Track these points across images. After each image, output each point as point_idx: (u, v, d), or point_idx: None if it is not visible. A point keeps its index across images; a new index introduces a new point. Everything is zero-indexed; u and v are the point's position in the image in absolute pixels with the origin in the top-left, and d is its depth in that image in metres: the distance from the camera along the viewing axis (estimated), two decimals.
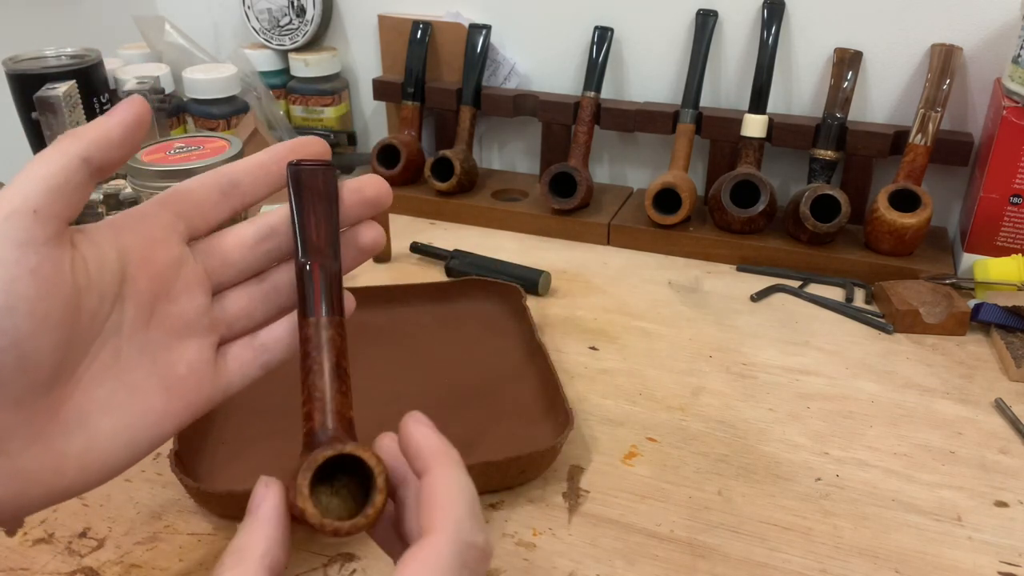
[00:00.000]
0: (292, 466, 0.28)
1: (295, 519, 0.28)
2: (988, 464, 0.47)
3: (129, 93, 0.70)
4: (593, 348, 0.58)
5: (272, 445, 0.46)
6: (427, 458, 0.29)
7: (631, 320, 0.62)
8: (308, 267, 0.31)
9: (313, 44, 0.92)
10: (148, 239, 0.31)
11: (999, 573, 0.40)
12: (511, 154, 0.91)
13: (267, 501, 0.28)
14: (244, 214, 0.57)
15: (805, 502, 0.44)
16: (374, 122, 0.97)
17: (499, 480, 0.44)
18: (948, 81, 0.67)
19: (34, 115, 0.68)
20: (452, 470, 0.29)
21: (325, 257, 0.31)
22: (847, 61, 0.72)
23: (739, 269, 0.70)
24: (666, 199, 0.72)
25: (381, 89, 0.88)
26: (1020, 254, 0.63)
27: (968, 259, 0.66)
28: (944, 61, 0.68)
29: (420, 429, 0.30)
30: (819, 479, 0.46)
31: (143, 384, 0.30)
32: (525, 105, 0.83)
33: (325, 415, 0.29)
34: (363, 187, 0.34)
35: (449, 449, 0.30)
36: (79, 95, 0.69)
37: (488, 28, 0.82)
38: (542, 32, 0.84)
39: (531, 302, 0.60)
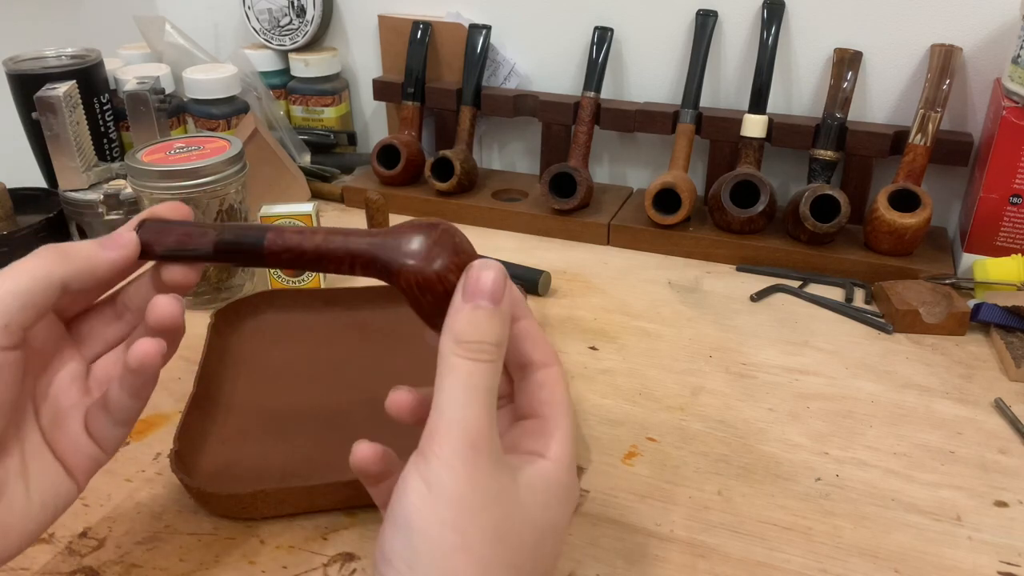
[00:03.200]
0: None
1: None
2: (988, 464, 0.47)
3: (129, 93, 0.70)
4: (593, 348, 0.58)
5: (272, 445, 0.46)
6: (549, 355, 0.32)
7: (631, 320, 0.62)
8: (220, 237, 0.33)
9: (313, 44, 0.92)
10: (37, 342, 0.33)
11: (999, 573, 0.40)
12: (511, 154, 0.91)
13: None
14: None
15: (805, 502, 0.44)
16: (374, 122, 0.97)
17: None
18: (948, 81, 0.67)
19: (34, 115, 0.68)
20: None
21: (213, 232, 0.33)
22: (847, 61, 0.72)
23: (739, 269, 0.70)
24: (666, 199, 0.72)
25: (381, 89, 0.88)
26: (1020, 254, 0.63)
27: (968, 259, 0.66)
28: (944, 61, 0.68)
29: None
30: (819, 479, 0.46)
31: (43, 453, 0.33)
32: (525, 105, 0.83)
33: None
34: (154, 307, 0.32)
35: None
36: (79, 95, 0.69)
37: (488, 28, 0.82)
38: (542, 32, 0.84)
39: (531, 302, 0.60)
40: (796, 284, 0.67)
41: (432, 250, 0.30)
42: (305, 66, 0.89)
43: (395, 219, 0.75)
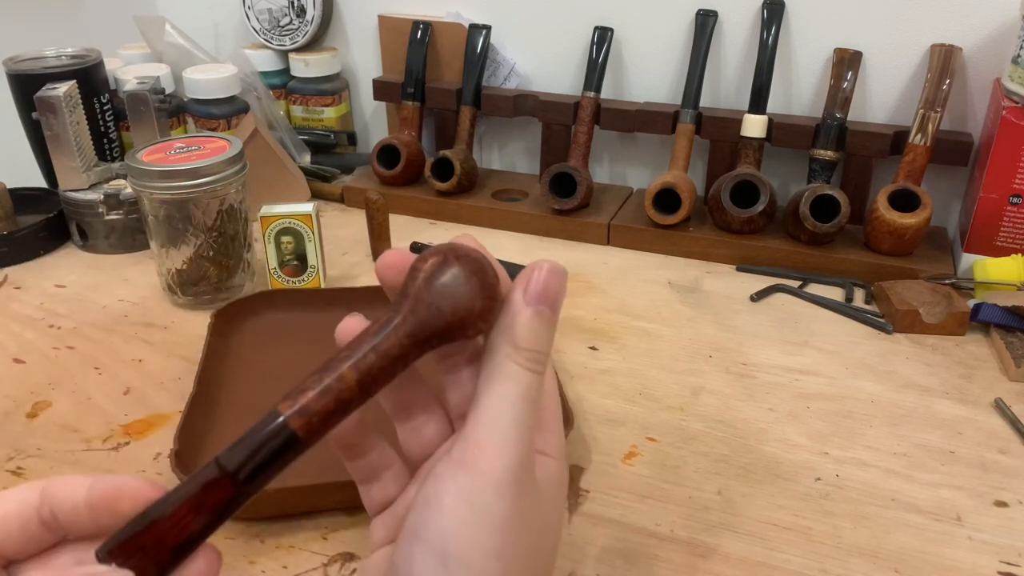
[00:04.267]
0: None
1: None
2: (988, 464, 0.47)
3: (129, 93, 0.70)
4: (593, 348, 0.58)
5: None
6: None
7: (631, 320, 0.62)
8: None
9: (313, 44, 0.92)
10: None
11: (999, 573, 0.40)
12: (511, 154, 0.91)
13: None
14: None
15: (805, 502, 0.44)
16: (374, 122, 0.97)
17: None
18: (948, 81, 0.67)
19: (34, 115, 0.68)
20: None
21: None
22: (847, 61, 0.72)
23: (739, 269, 0.70)
24: (666, 199, 0.72)
25: (381, 89, 0.88)
26: (1019, 254, 0.63)
27: (968, 259, 0.66)
28: (944, 61, 0.68)
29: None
30: (819, 479, 0.46)
31: None
32: (525, 105, 0.83)
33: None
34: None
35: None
36: (79, 95, 0.69)
37: (488, 28, 0.82)
38: (542, 32, 0.84)
39: None
40: (796, 284, 0.67)
41: (468, 280, 0.26)
42: (305, 66, 0.89)
43: (395, 219, 0.75)
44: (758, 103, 0.73)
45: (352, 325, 0.29)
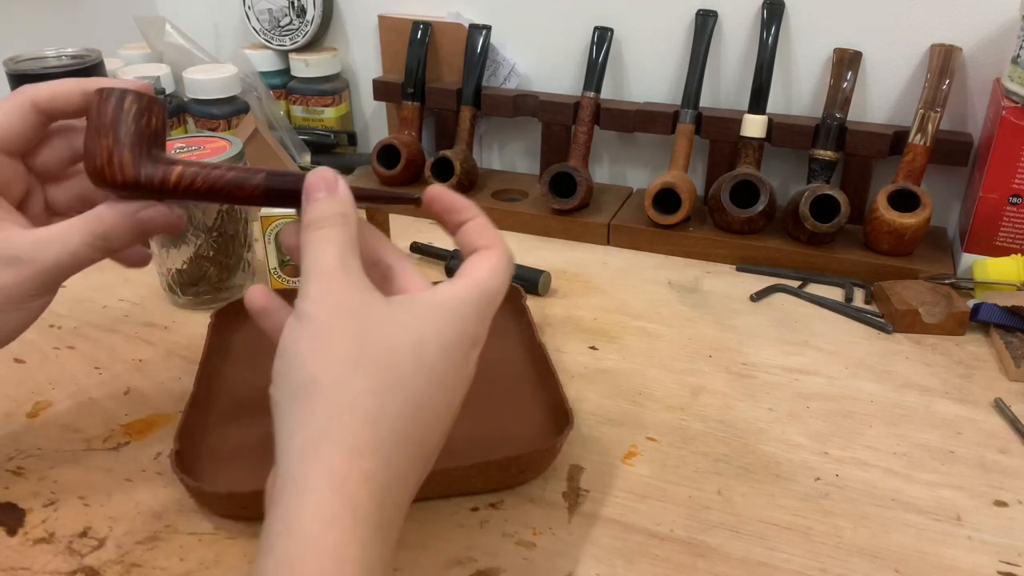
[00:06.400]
0: None
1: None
2: (987, 464, 0.47)
3: None
4: (593, 348, 0.58)
5: (272, 445, 0.46)
6: (494, 239, 0.37)
7: (631, 320, 0.62)
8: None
9: (313, 44, 0.92)
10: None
11: (999, 573, 0.40)
12: (511, 154, 0.91)
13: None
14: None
15: (805, 502, 0.44)
16: (374, 122, 0.97)
17: (499, 480, 0.44)
18: (947, 81, 0.67)
19: None
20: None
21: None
22: (847, 61, 0.72)
23: (739, 269, 0.70)
24: (666, 199, 0.72)
25: (381, 89, 0.88)
26: (1019, 254, 0.63)
27: (967, 259, 0.66)
28: (944, 61, 0.68)
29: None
30: (819, 479, 0.46)
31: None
32: (525, 105, 0.83)
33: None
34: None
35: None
36: None
37: (488, 28, 0.82)
38: (542, 32, 0.84)
39: (531, 302, 0.60)
40: (796, 284, 0.67)
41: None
42: (305, 66, 0.89)
43: (395, 219, 0.75)
44: (758, 103, 0.73)
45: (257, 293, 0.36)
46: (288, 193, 0.36)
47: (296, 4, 0.89)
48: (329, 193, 0.34)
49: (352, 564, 0.26)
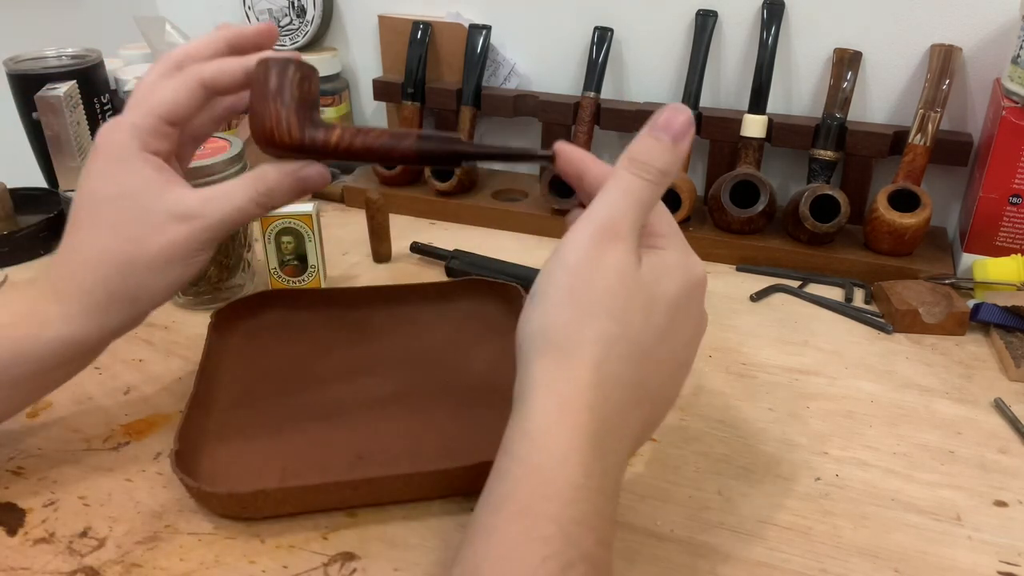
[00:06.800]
0: None
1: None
2: (987, 464, 0.47)
3: (130, 93, 0.70)
4: None
5: (272, 445, 0.46)
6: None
7: None
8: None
9: (313, 44, 0.92)
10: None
11: (999, 573, 0.40)
12: None
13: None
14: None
15: (805, 502, 0.44)
16: (374, 122, 0.97)
17: None
18: (947, 81, 0.67)
19: (35, 115, 0.68)
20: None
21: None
22: (847, 61, 0.72)
23: (739, 269, 0.70)
24: (666, 199, 0.72)
25: (381, 89, 0.88)
26: (1019, 254, 0.63)
27: (967, 259, 0.66)
28: (944, 61, 0.68)
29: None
30: (819, 479, 0.46)
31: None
32: (525, 105, 0.83)
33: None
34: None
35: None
36: (80, 95, 0.69)
37: (488, 28, 0.82)
38: (542, 32, 0.84)
39: None
40: (796, 284, 0.67)
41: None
42: None
43: (395, 219, 0.75)
44: (758, 103, 0.73)
45: None
46: (439, 155, 0.38)
47: (296, 4, 0.89)
48: (674, 142, 0.35)
49: (575, 466, 0.31)
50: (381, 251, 0.71)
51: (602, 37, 0.78)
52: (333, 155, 0.39)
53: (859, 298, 0.65)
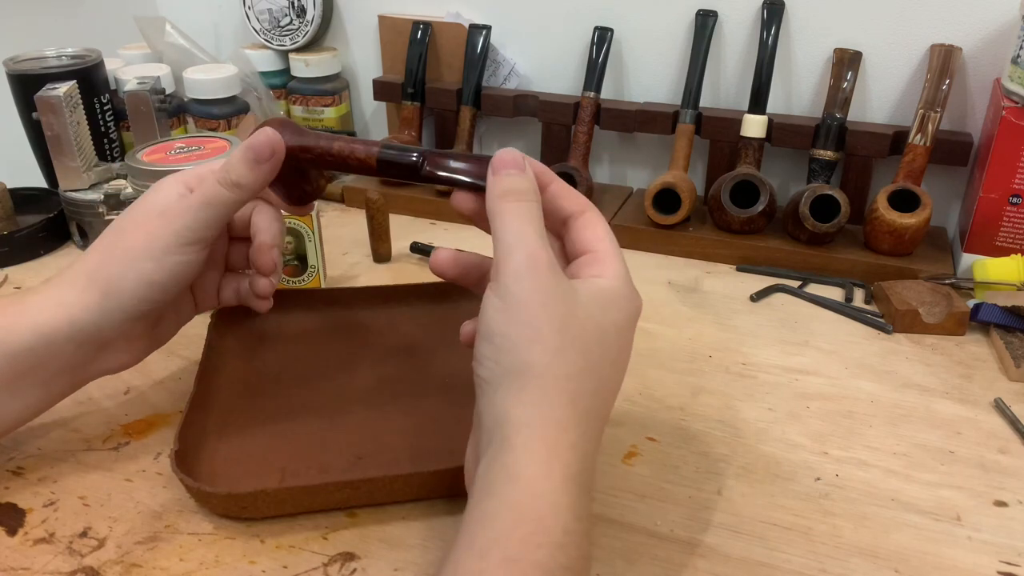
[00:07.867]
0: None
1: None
2: (987, 464, 0.47)
3: (129, 93, 0.70)
4: None
5: (272, 445, 0.46)
6: (582, 203, 0.38)
7: None
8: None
9: (313, 44, 0.92)
10: None
11: (999, 573, 0.40)
12: None
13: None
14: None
15: (805, 502, 0.44)
16: (374, 122, 0.97)
17: None
18: (947, 81, 0.67)
19: (35, 115, 0.68)
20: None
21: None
22: (847, 61, 0.72)
23: (739, 269, 0.70)
24: (666, 199, 0.72)
25: (381, 89, 0.88)
26: (1019, 254, 0.63)
27: (967, 259, 0.66)
28: (943, 61, 0.68)
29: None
30: (819, 479, 0.46)
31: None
32: (525, 105, 0.83)
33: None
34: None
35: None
36: (79, 95, 0.69)
37: (488, 28, 0.82)
38: (542, 32, 0.84)
39: None
40: (796, 284, 0.67)
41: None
42: (305, 66, 0.89)
43: (395, 219, 0.75)
44: (758, 103, 0.74)
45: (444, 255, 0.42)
46: (398, 166, 0.40)
47: (296, 4, 0.89)
48: (519, 172, 0.36)
49: (565, 510, 0.31)
50: (381, 251, 0.71)
51: (602, 37, 0.78)
52: (300, 161, 0.41)
53: (859, 298, 0.65)
